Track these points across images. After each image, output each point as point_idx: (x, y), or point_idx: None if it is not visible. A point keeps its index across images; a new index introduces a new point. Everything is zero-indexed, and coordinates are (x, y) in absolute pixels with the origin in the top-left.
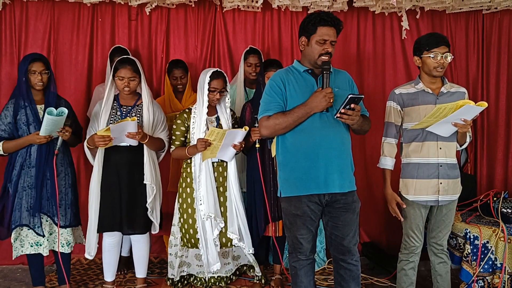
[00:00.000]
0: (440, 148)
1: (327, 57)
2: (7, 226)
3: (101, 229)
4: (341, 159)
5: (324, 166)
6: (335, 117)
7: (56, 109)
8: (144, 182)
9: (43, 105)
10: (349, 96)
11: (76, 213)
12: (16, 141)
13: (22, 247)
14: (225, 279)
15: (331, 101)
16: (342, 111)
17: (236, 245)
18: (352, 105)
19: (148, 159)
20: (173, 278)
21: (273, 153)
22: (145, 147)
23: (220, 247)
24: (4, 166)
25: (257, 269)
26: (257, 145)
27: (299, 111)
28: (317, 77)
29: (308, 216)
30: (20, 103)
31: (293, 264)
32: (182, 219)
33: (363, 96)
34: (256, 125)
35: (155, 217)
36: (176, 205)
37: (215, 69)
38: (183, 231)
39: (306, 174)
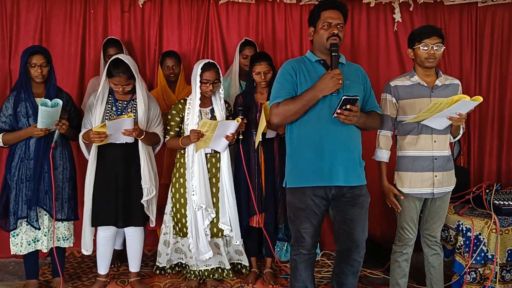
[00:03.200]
0: (435, 141)
1: (335, 39)
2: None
3: (96, 223)
4: (346, 152)
5: (329, 159)
6: (333, 116)
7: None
8: (143, 186)
9: (43, 98)
10: (343, 98)
11: (74, 207)
12: (15, 133)
13: (21, 246)
14: (219, 270)
15: (340, 82)
16: (338, 111)
17: (226, 235)
18: (348, 106)
19: (144, 158)
20: (160, 266)
21: (256, 144)
22: (140, 146)
23: (211, 237)
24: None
25: (245, 263)
26: (240, 137)
27: (307, 94)
28: (329, 68)
29: (312, 210)
30: (20, 96)
31: (294, 257)
32: (174, 209)
33: (358, 97)
34: (240, 117)
35: (151, 211)
36: (169, 195)
37: (207, 61)
38: (175, 220)
39: (310, 166)
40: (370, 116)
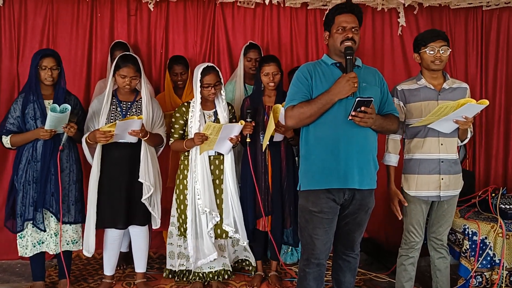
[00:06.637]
0: (442, 144)
1: (349, 42)
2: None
3: (102, 225)
4: (362, 155)
5: (344, 160)
6: (348, 118)
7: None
8: (139, 180)
9: (51, 101)
10: (357, 99)
11: (81, 209)
12: (23, 135)
13: (27, 249)
14: (222, 272)
15: (355, 85)
16: (353, 113)
17: (231, 237)
18: (363, 108)
19: (145, 156)
20: (171, 269)
21: (263, 147)
22: (143, 143)
23: (215, 238)
24: (13, 160)
25: (252, 261)
26: (248, 140)
27: (322, 97)
28: (345, 70)
29: (325, 214)
30: (29, 98)
31: (303, 267)
32: (179, 210)
33: (372, 99)
34: (248, 119)
35: (156, 211)
36: (174, 196)
37: (205, 65)
38: (180, 221)
39: (326, 167)
40: (387, 119)
